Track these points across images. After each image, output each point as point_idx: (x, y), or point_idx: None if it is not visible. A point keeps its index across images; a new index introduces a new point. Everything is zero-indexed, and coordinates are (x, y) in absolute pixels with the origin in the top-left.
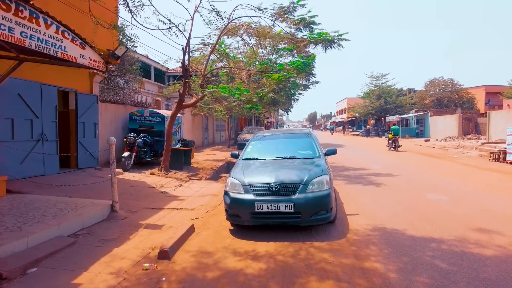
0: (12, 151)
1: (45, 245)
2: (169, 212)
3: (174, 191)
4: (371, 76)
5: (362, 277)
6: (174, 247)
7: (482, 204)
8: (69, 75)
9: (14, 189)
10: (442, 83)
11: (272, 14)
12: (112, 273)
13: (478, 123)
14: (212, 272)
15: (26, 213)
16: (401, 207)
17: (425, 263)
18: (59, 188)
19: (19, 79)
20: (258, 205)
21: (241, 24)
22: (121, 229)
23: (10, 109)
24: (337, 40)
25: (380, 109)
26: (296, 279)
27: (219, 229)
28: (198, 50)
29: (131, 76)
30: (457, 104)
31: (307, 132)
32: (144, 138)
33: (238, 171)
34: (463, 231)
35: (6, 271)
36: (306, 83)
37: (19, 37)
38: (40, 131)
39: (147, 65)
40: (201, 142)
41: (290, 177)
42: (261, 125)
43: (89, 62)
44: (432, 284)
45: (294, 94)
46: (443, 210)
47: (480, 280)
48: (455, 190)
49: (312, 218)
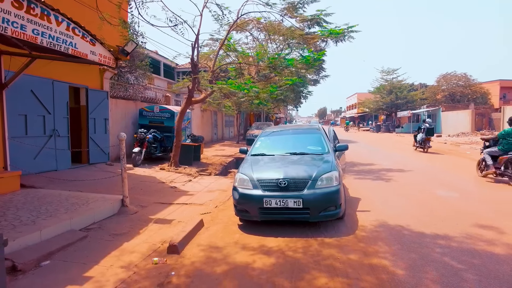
0: (26, 147)
1: (57, 238)
2: (179, 207)
3: (183, 186)
4: (382, 71)
5: (370, 274)
6: (183, 242)
7: (493, 201)
8: (80, 71)
9: (28, 183)
10: (455, 77)
11: (281, 9)
12: (122, 267)
13: (492, 118)
14: (221, 266)
15: (40, 207)
16: (410, 204)
17: (434, 260)
18: (71, 183)
19: (31, 76)
20: (267, 200)
21: (250, 20)
22: (131, 224)
23: (23, 105)
24: (347, 32)
25: (391, 104)
26: (304, 274)
27: (228, 224)
28: (207, 45)
29: (140, 72)
30: (470, 99)
31: (316, 127)
32: (154, 134)
33: (247, 167)
34: (474, 228)
35: (21, 263)
36: (316, 77)
37: (31, 34)
38: (52, 127)
39: (156, 61)
40: (210, 137)
41: (298, 173)
42: (270, 120)
43: (99, 59)
44: (442, 281)
45: (303, 92)
46: (453, 207)
47: (492, 278)
48: (466, 187)
49: (321, 214)
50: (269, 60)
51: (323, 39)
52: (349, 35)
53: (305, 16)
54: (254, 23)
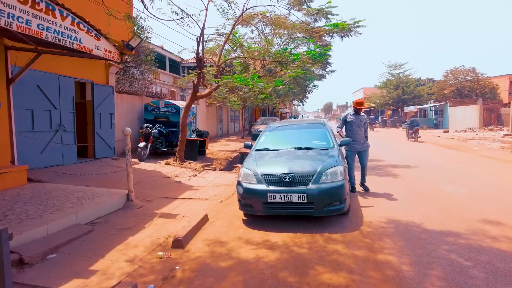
0: (33, 141)
1: (64, 232)
2: (184, 202)
3: (188, 181)
4: (388, 65)
5: (375, 270)
6: (188, 236)
7: (502, 198)
8: (86, 66)
9: (35, 178)
10: (463, 72)
11: (288, 3)
12: (127, 261)
13: (500, 113)
14: (225, 261)
15: (46, 201)
16: (417, 199)
17: (440, 256)
18: (77, 178)
19: (38, 71)
20: (271, 195)
21: (256, 14)
22: (136, 218)
23: (30, 100)
24: (354, 27)
25: (398, 99)
26: (309, 270)
27: (233, 219)
28: (212, 40)
29: (146, 67)
30: (478, 94)
31: (322, 122)
32: (159, 129)
33: (251, 162)
34: (481, 225)
35: (28, 256)
36: (322, 72)
37: (36, 29)
38: (59, 121)
39: (162, 56)
40: (216, 132)
41: (303, 168)
42: (276, 115)
43: (104, 53)
44: (448, 278)
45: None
46: (460, 203)
47: (499, 276)
48: (474, 183)
49: (325, 209)
50: (275, 55)
51: (329, 33)
52: (356, 30)
53: (311, 9)
54: (259, 17)
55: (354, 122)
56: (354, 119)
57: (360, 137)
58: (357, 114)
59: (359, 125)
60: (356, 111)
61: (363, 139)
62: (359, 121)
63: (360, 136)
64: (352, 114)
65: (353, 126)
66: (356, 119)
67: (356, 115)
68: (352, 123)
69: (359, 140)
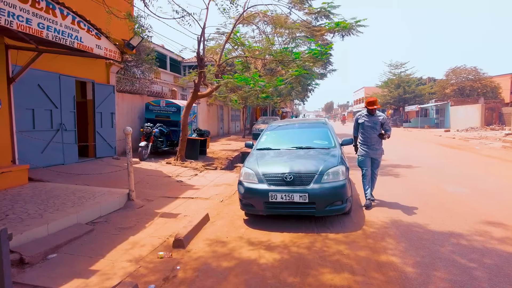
0: (33, 141)
1: (64, 232)
2: (185, 201)
3: (189, 180)
4: (390, 64)
5: (378, 271)
6: (189, 236)
7: (505, 197)
8: (86, 65)
9: (36, 177)
10: (465, 71)
11: (289, 2)
12: (128, 261)
13: (502, 113)
14: (227, 261)
15: (47, 200)
16: (419, 199)
17: (443, 257)
18: (78, 177)
19: (38, 70)
20: (272, 195)
21: (257, 13)
22: (137, 218)
23: (30, 99)
24: (355, 26)
25: (399, 98)
26: (310, 270)
27: (234, 219)
28: (213, 39)
29: (147, 66)
30: (480, 93)
31: (323, 121)
32: (160, 128)
33: (252, 161)
34: (484, 225)
35: (28, 256)
36: (323, 71)
37: (36, 28)
38: (59, 121)
39: (163, 55)
40: (217, 132)
41: (304, 167)
42: (277, 115)
43: (105, 52)
44: (451, 279)
45: (310, 84)
46: (463, 203)
47: (503, 277)
48: (476, 183)
49: (327, 208)
50: (276, 54)
51: (331, 32)
52: (357, 29)
53: (312, 8)
54: (260, 16)
55: (366, 124)
56: (367, 120)
57: (374, 141)
58: (371, 115)
59: (374, 127)
60: (369, 111)
61: (378, 143)
62: (373, 123)
63: (374, 140)
64: (364, 115)
65: (366, 129)
66: (369, 121)
67: (370, 115)
68: (364, 125)
69: (374, 145)
